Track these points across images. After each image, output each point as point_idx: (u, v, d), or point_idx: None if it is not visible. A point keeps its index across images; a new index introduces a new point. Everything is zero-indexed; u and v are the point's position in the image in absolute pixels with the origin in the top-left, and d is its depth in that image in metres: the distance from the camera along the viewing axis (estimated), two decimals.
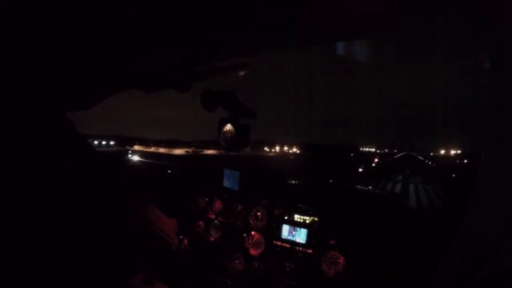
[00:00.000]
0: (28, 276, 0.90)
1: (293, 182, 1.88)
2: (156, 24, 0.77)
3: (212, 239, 1.82)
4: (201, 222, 1.87)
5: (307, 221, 1.54)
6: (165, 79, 1.15)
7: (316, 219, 1.52)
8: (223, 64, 1.10)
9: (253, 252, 1.66)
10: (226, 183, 1.82)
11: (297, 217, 1.57)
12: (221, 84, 1.18)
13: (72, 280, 1.02)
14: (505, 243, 0.51)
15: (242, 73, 1.12)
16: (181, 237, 1.87)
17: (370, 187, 1.81)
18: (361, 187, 1.89)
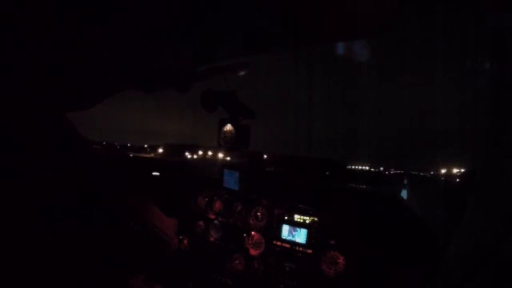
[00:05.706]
0: (27, 277, 0.90)
1: (293, 182, 1.88)
2: (156, 24, 0.77)
3: (212, 239, 1.82)
4: (201, 222, 1.87)
5: (307, 221, 1.54)
6: (165, 79, 1.15)
7: (316, 219, 1.52)
8: (223, 64, 1.09)
9: (253, 252, 1.66)
10: (226, 183, 1.82)
11: (297, 217, 1.57)
12: (221, 84, 1.18)
13: (71, 280, 1.02)
14: (505, 243, 0.51)
15: (242, 73, 1.12)
16: (181, 237, 1.87)
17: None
18: (361, 187, 1.90)
